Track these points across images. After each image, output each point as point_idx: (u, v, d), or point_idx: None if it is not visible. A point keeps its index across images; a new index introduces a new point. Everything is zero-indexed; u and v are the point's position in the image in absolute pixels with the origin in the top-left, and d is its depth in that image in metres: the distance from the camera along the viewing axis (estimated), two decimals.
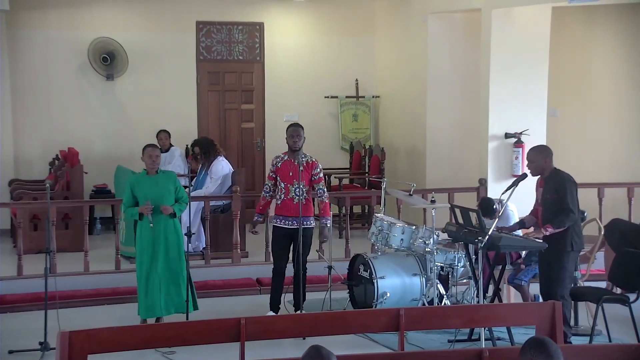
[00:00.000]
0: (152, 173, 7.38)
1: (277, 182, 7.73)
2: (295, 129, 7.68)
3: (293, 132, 7.67)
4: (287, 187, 7.64)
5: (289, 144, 7.69)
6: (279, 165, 7.71)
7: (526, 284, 7.55)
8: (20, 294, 8.42)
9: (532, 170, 6.97)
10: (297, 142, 7.64)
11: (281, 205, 7.69)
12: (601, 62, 11.22)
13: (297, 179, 7.59)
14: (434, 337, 7.20)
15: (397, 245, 7.94)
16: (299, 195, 7.60)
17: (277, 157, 7.82)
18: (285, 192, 7.66)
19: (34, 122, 12.05)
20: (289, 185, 7.63)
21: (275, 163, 7.75)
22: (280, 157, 7.78)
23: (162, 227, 7.29)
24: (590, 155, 11.13)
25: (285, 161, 7.71)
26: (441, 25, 11.27)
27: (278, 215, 7.71)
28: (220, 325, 5.12)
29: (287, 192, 7.65)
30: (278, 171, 7.71)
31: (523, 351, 3.81)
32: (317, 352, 3.85)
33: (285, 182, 7.65)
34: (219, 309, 8.17)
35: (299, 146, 7.66)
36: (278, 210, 7.72)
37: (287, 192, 7.64)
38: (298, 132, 7.66)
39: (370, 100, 13.05)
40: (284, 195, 7.66)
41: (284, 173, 7.67)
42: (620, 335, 7.12)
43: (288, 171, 7.65)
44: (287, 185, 7.64)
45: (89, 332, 4.81)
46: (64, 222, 10.45)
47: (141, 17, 12.40)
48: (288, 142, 7.70)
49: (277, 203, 7.74)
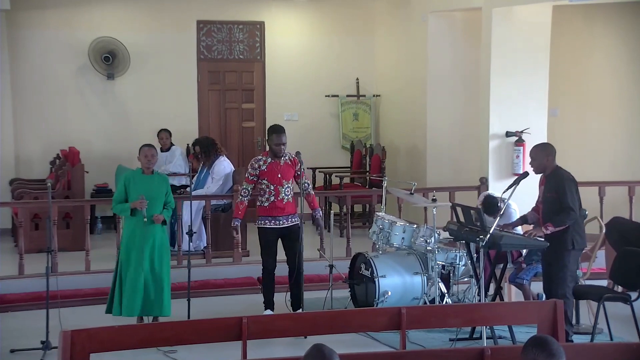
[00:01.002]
0: (148, 173, 7.40)
1: (263, 185, 7.61)
2: (280, 136, 7.53)
3: (279, 140, 7.52)
4: (277, 188, 7.58)
5: (275, 151, 7.56)
6: (264, 169, 7.57)
7: (527, 283, 7.55)
8: (22, 294, 8.43)
9: (534, 168, 6.97)
10: (282, 150, 7.56)
11: (269, 207, 7.60)
12: (602, 61, 11.22)
13: (288, 179, 7.59)
14: (435, 336, 7.20)
15: (398, 244, 7.94)
16: (288, 194, 7.60)
17: (257, 159, 7.65)
18: (275, 194, 7.58)
19: (35, 121, 12.05)
20: (278, 187, 7.58)
21: (259, 166, 7.59)
22: (263, 159, 7.62)
23: (151, 229, 7.30)
24: (591, 154, 11.13)
25: (271, 163, 7.59)
26: (441, 24, 11.27)
27: (266, 217, 7.61)
28: (222, 324, 5.13)
29: (277, 193, 7.58)
30: (264, 174, 7.58)
31: (525, 350, 3.81)
32: (319, 351, 3.84)
33: (274, 185, 7.58)
34: (220, 308, 8.18)
35: (284, 153, 7.59)
36: (265, 211, 7.61)
37: (278, 194, 7.58)
38: (284, 139, 7.54)
39: (370, 99, 13.05)
40: (274, 197, 7.58)
41: (272, 175, 7.58)
42: (621, 333, 7.12)
43: (276, 173, 7.58)
44: (276, 187, 7.58)
45: (90, 331, 4.82)
46: (65, 221, 10.46)
47: (141, 16, 12.40)
48: (274, 149, 7.55)
49: (262, 205, 7.64)
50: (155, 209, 7.33)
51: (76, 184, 10.81)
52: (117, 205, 7.39)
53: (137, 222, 7.29)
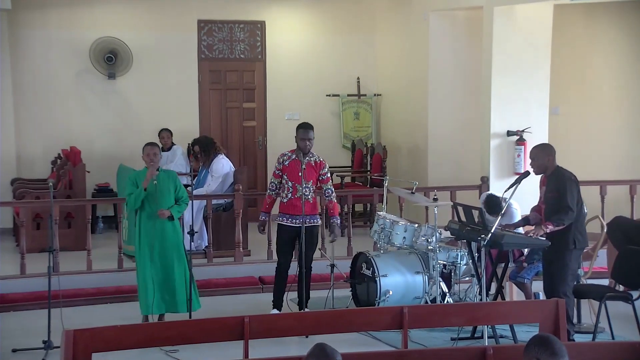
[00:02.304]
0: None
1: (284, 181, 7.66)
2: (307, 132, 7.57)
3: (305, 135, 7.56)
4: (295, 186, 7.58)
5: (301, 147, 7.59)
6: (286, 164, 7.63)
7: (529, 282, 7.54)
8: (24, 293, 8.43)
9: (535, 168, 6.96)
10: (308, 146, 7.59)
11: (287, 203, 7.63)
12: (603, 59, 11.22)
13: (306, 179, 7.57)
14: (436, 335, 7.20)
15: (399, 243, 7.94)
16: (307, 194, 7.59)
17: (283, 154, 7.73)
18: (292, 192, 7.59)
19: (36, 121, 12.05)
20: (297, 184, 7.58)
21: (283, 161, 7.66)
22: (288, 155, 7.69)
23: (160, 226, 7.31)
24: (592, 153, 11.13)
25: (293, 160, 7.62)
26: (443, 23, 11.27)
27: (284, 214, 7.66)
28: (224, 324, 5.13)
29: (294, 191, 7.58)
30: (285, 170, 7.63)
31: (528, 348, 3.81)
32: (322, 350, 3.84)
33: (293, 182, 7.59)
34: (222, 307, 8.18)
35: (310, 149, 7.62)
36: (283, 208, 7.66)
37: (295, 192, 7.58)
38: (310, 135, 7.58)
39: (371, 98, 13.05)
40: (292, 195, 7.60)
41: (293, 172, 7.59)
42: (623, 332, 7.11)
43: (297, 171, 7.58)
44: (294, 184, 7.58)
45: (93, 330, 4.82)
46: (66, 221, 10.45)
47: (142, 16, 12.40)
48: (299, 144, 7.60)
49: (282, 201, 7.68)
50: (164, 205, 7.32)
51: (77, 184, 10.82)
52: (131, 195, 7.30)
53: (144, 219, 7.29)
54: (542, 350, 3.75)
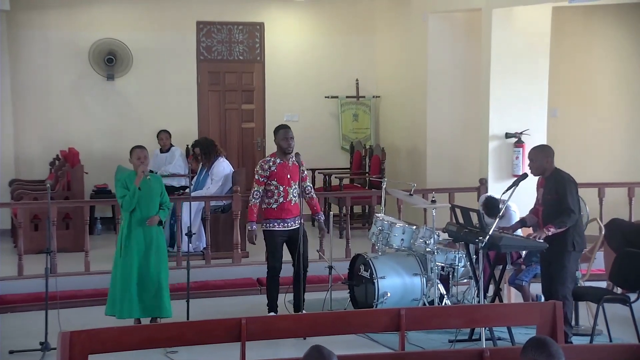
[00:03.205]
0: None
1: (273, 187, 7.54)
2: (288, 131, 7.52)
3: (287, 134, 7.50)
4: (286, 189, 7.54)
5: (283, 147, 7.51)
6: (274, 169, 7.52)
7: (527, 284, 7.54)
8: (21, 294, 8.43)
9: (533, 170, 6.96)
10: (291, 145, 7.51)
11: (278, 208, 7.54)
12: (601, 62, 11.22)
13: (296, 180, 7.53)
14: (434, 337, 7.19)
15: (397, 245, 7.94)
16: (296, 196, 7.57)
17: (267, 161, 7.59)
18: (284, 195, 7.53)
19: (35, 122, 12.05)
20: (287, 187, 7.54)
21: (268, 167, 7.52)
22: (272, 160, 7.58)
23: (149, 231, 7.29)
24: (591, 155, 11.13)
25: (280, 164, 7.55)
26: (441, 25, 11.27)
27: (275, 219, 7.56)
28: (221, 326, 5.12)
29: (285, 194, 7.53)
30: (274, 175, 7.51)
31: (524, 351, 3.81)
32: (318, 352, 3.85)
33: (283, 185, 7.53)
34: (220, 309, 8.17)
35: (293, 148, 7.57)
36: (273, 214, 7.55)
37: (286, 195, 7.54)
38: (291, 134, 7.53)
39: (370, 100, 13.05)
40: (283, 199, 7.53)
41: (282, 176, 7.53)
42: (621, 335, 7.12)
43: (286, 174, 7.54)
44: (285, 188, 7.54)
45: (89, 332, 4.81)
46: (64, 222, 10.46)
47: (141, 17, 12.40)
48: (282, 144, 7.51)
49: (270, 207, 7.57)
50: (152, 210, 7.31)
51: (76, 185, 10.81)
52: (124, 197, 7.24)
53: (134, 223, 7.27)
54: (539, 353, 3.76)
